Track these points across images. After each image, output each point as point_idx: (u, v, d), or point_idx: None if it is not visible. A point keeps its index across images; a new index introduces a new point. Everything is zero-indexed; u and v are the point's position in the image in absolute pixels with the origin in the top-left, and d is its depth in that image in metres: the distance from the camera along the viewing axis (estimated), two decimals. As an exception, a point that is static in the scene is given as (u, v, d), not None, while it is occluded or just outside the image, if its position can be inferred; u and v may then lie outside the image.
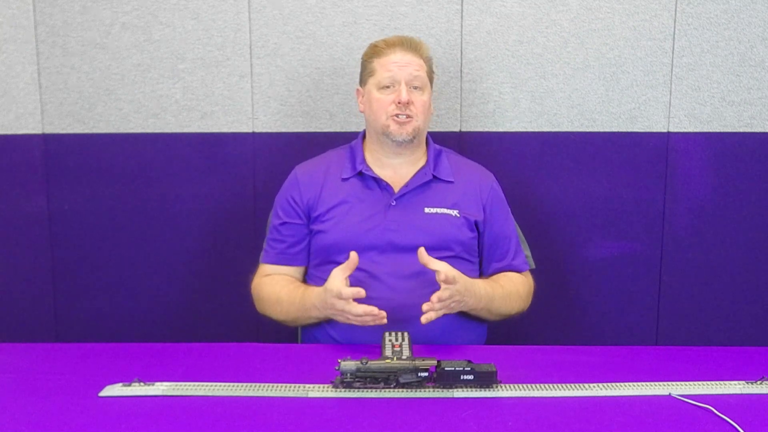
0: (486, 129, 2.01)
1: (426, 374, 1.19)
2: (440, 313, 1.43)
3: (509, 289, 1.62)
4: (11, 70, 2.01)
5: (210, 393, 1.17)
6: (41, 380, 1.23)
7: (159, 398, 1.16)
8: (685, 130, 1.99)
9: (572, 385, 1.21)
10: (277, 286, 1.62)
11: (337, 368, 1.18)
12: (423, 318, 1.41)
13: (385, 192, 1.63)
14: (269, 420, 1.09)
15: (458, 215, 1.62)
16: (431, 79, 1.68)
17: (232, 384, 1.20)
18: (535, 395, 1.18)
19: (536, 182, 2.02)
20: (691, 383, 1.23)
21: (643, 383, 1.22)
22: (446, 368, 1.19)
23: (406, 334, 1.37)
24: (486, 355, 1.35)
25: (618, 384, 1.22)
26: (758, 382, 1.23)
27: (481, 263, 1.68)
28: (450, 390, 1.18)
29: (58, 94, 2.03)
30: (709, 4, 1.94)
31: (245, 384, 1.20)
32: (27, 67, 2.01)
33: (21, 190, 2.05)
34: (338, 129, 2.01)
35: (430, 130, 1.76)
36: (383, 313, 1.41)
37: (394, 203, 1.62)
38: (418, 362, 1.19)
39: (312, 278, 1.66)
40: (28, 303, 2.10)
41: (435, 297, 1.41)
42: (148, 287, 2.09)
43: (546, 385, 1.21)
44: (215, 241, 2.07)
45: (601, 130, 2.00)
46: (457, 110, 2.01)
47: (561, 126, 2.01)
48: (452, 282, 1.42)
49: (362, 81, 1.68)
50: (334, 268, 1.45)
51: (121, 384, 1.20)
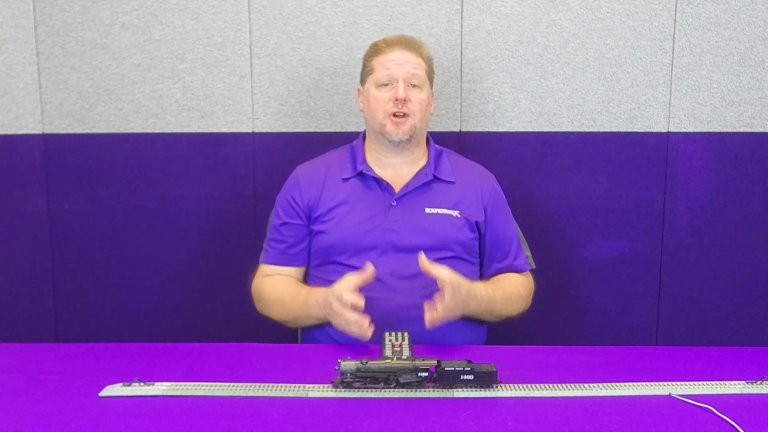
0: (486, 129, 2.02)
1: (426, 374, 1.19)
2: (444, 320, 1.42)
3: (510, 291, 1.61)
4: (11, 70, 2.01)
5: (210, 393, 1.17)
6: (41, 380, 1.23)
7: (159, 398, 1.16)
8: (685, 130, 1.99)
9: (572, 385, 1.21)
10: (280, 286, 1.62)
11: (337, 368, 1.18)
12: (428, 323, 1.39)
13: (386, 192, 1.63)
14: (269, 420, 1.09)
15: (459, 216, 1.62)
16: (431, 80, 1.67)
17: (232, 384, 1.20)
18: (535, 395, 1.18)
19: (536, 182, 2.02)
20: (691, 383, 1.22)
21: (643, 383, 1.22)
22: (446, 368, 1.19)
23: (406, 334, 1.37)
24: (486, 355, 1.34)
25: (618, 384, 1.21)
26: (758, 382, 1.23)
27: (482, 264, 1.68)
28: (450, 390, 1.18)
29: (58, 94, 2.03)
30: (709, 4, 1.95)
31: (245, 384, 1.20)
32: (27, 67, 2.01)
33: (21, 190, 2.05)
34: (338, 129, 2.01)
35: (430, 130, 1.76)
36: (368, 334, 1.38)
37: (395, 203, 1.61)
38: (418, 362, 1.19)
39: (312, 279, 1.66)
40: (28, 303, 2.10)
41: (440, 307, 1.39)
42: (148, 287, 2.09)
43: (546, 385, 1.21)
44: (215, 241, 2.07)
45: (601, 130, 2.00)
46: (457, 110, 2.01)
47: (561, 126, 2.01)
48: (456, 290, 1.40)
49: (362, 80, 1.69)
50: (350, 273, 1.42)
51: (121, 384, 1.19)
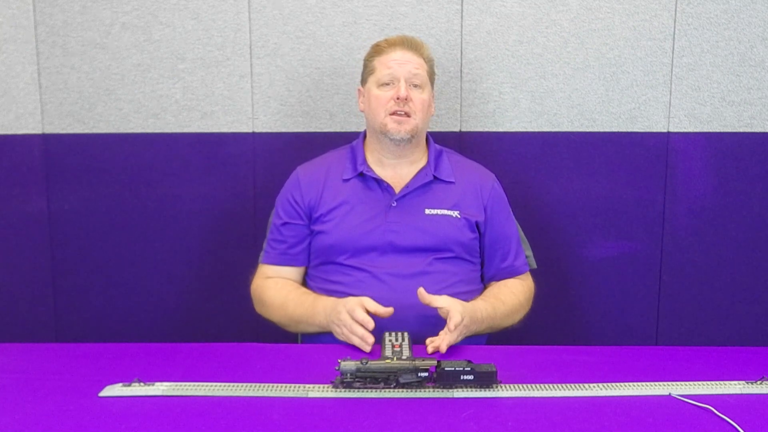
0: (486, 129, 2.01)
1: (426, 374, 1.19)
2: (448, 346, 1.40)
3: (512, 303, 1.61)
4: (11, 70, 2.01)
5: (210, 393, 1.17)
6: (41, 380, 1.23)
7: (159, 398, 1.16)
8: (685, 130, 1.99)
9: (572, 385, 1.21)
10: (283, 291, 1.61)
11: (337, 368, 1.18)
12: (430, 348, 1.38)
13: (386, 193, 1.63)
14: (269, 420, 1.09)
15: (459, 216, 1.62)
16: (432, 81, 1.68)
17: (232, 384, 1.20)
18: (535, 395, 1.18)
19: (536, 182, 2.02)
20: (691, 383, 1.22)
21: (643, 383, 1.22)
22: (446, 368, 1.19)
23: (406, 334, 1.37)
24: (486, 355, 1.35)
25: (618, 384, 1.21)
26: (758, 382, 1.23)
27: (482, 263, 1.68)
28: (450, 390, 1.18)
29: (58, 94, 2.03)
30: (709, 4, 1.94)
31: (245, 384, 1.20)
32: (27, 67, 2.01)
33: (21, 190, 2.05)
34: (338, 129, 2.01)
35: (430, 130, 1.76)
36: (367, 349, 1.38)
37: (395, 204, 1.61)
38: (418, 362, 1.19)
39: (312, 279, 1.66)
40: (28, 303, 2.10)
41: (444, 344, 1.37)
42: (149, 287, 2.09)
43: (546, 385, 1.21)
44: (215, 241, 2.07)
45: (601, 130, 2.00)
46: (457, 110, 2.01)
47: (561, 126, 2.01)
48: (458, 322, 1.39)
49: (363, 80, 1.69)
50: (370, 299, 1.43)
51: (121, 384, 1.19)
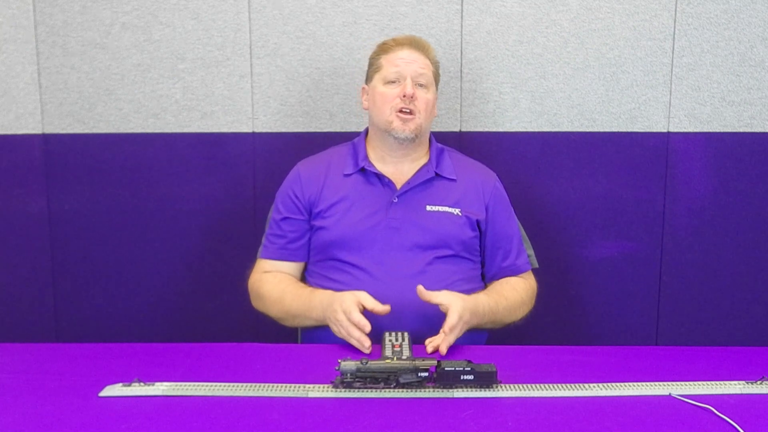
0: (486, 129, 2.01)
1: (426, 374, 1.19)
2: (449, 345, 1.40)
3: (513, 299, 1.61)
4: (11, 70, 2.01)
5: (210, 393, 1.17)
6: (41, 380, 1.23)
7: (159, 398, 1.16)
8: (685, 130, 1.99)
9: (572, 385, 1.21)
10: (281, 284, 1.61)
11: (337, 368, 1.18)
12: (430, 348, 1.38)
13: (387, 188, 1.63)
14: (269, 420, 1.09)
15: (460, 214, 1.62)
16: (437, 83, 1.69)
17: (232, 384, 1.20)
18: (535, 395, 1.18)
19: (536, 182, 2.02)
20: (691, 383, 1.22)
21: (643, 383, 1.22)
22: (446, 368, 1.19)
23: (406, 334, 1.37)
24: (486, 355, 1.35)
25: (618, 384, 1.21)
26: (758, 382, 1.23)
27: (484, 263, 1.68)
28: (450, 390, 1.18)
29: (58, 94, 2.03)
30: (709, 4, 1.94)
31: (245, 384, 1.20)
32: (27, 67, 2.01)
33: (21, 190, 2.05)
34: (338, 129, 2.01)
35: (431, 131, 1.76)
36: (366, 352, 1.38)
37: (396, 200, 1.61)
38: (418, 362, 1.19)
39: (311, 275, 1.66)
40: (28, 303, 2.10)
41: (444, 346, 1.37)
42: (149, 287, 2.09)
43: (546, 385, 1.21)
44: (215, 241, 2.07)
45: (601, 130, 2.00)
46: (457, 110, 2.01)
47: (561, 126, 2.01)
48: (453, 324, 1.39)
49: (368, 78, 1.69)
50: (366, 294, 1.42)
51: (121, 384, 1.19)
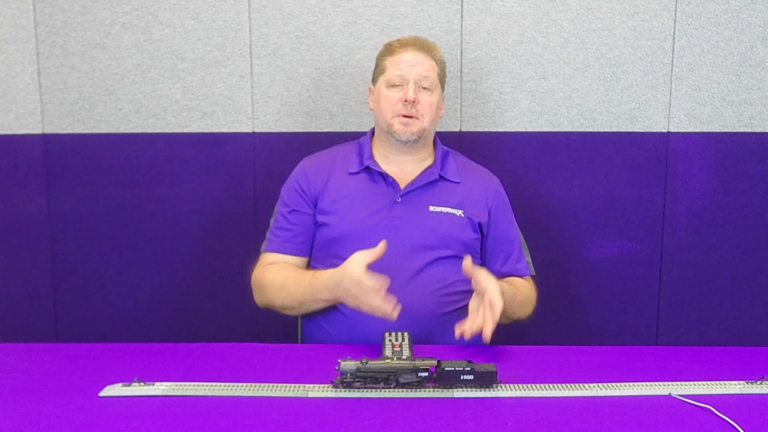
0: (486, 129, 2.02)
1: (426, 374, 1.19)
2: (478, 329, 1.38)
3: (525, 295, 1.62)
4: (11, 70, 2.01)
5: (210, 393, 1.17)
6: (41, 380, 1.23)
7: (159, 398, 1.16)
8: (685, 130, 1.99)
9: (572, 385, 1.21)
10: (283, 272, 1.60)
11: (337, 368, 1.18)
12: (468, 333, 1.36)
13: (391, 188, 1.63)
14: (269, 420, 1.09)
15: (462, 215, 1.62)
16: (442, 83, 1.68)
17: (232, 384, 1.20)
18: (535, 395, 1.18)
19: (536, 182, 2.02)
20: (691, 383, 1.22)
21: (643, 383, 1.22)
22: (446, 368, 1.19)
23: (406, 334, 1.37)
24: (486, 355, 1.35)
25: (618, 384, 1.21)
26: (758, 382, 1.23)
27: (484, 266, 1.68)
28: (450, 390, 1.18)
29: (58, 94, 2.03)
30: (709, 4, 1.95)
31: (245, 384, 1.20)
32: (27, 67, 2.01)
33: (21, 190, 2.05)
34: (338, 129, 2.01)
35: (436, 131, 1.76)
36: (395, 315, 1.37)
37: (400, 200, 1.61)
38: (418, 362, 1.19)
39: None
40: (28, 303, 2.10)
41: (489, 332, 1.35)
42: (149, 287, 2.09)
43: (546, 385, 1.21)
44: (215, 241, 2.07)
45: (601, 130, 2.00)
46: (457, 110, 2.01)
47: (561, 126, 2.01)
48: (501, 309, 1.38)
49: (374, 79, 1.69)
50: (357, 251, 1.40)
51: (121, 384, 1.19)
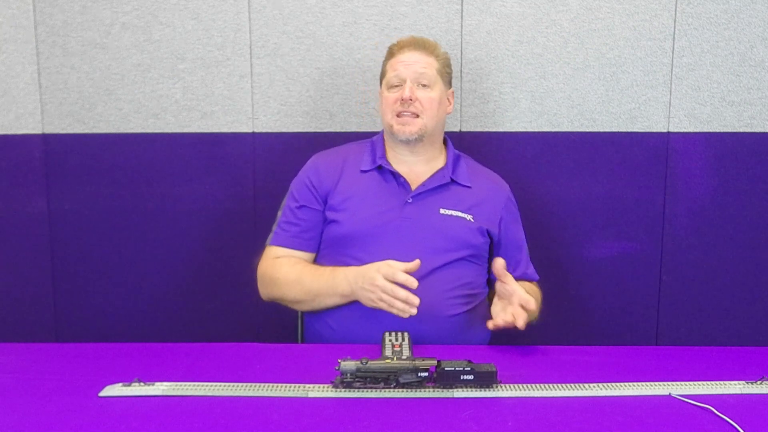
0: (486, 129, 2.01)
1: (426, 374, 1.19)
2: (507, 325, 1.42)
3: (539, 300, 1.63)
4: (11, 70, 2.01)
5: (210, 393, 1.17)
6: (41, 380, 1.23)
7: (159, 398, 1.16)
8: (685, 130, 1.99)
9: (572, 385, 1.21)
10: (297, 266, 1.60)
11: (337, 368, 1.18)
12: (501, 321, 1.41)
13: (402, 188, 1.63)
14: (269, 420, 1.09)
15: (472, 220, 1.62)
16: (446, 78, 1.67)
17: (232, 384, 1.20)
18: (535, 395, 1.18)
19: (536, 182, 2.02)
20: (691, 383, 1.22)
21: (643, 383, 1.22)
22: (446, 368, 1.19)
23: (406, 334, 1.37)
24: (486, 355, 1.35)
25: (618, 384, 1.22)
26: (758, 382, 1.23)
27: (491, 271, 1.67)
28: (450, 390, 1.18)
29: (58, 94, 2.03)
30: (709, 4, 1.94)
31: (245, 384, 1.20)
32: (27, 67, 2.01)
33: (21, 190, 2.05)
34: (338, 129, 2.01)
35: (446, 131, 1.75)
36: (414, 311, 1.38)
37: (411, 200, 1.62)
38: (418, 362, 1.19)
39: None
40: (28, 303, 2.10)
41: (522, 321, 1.40)
42: (149, 287, 2.09)
43: (546, 385, 1.21)
44: (215, 241, 2.07)
45: (601, 130, 2.00)
46: (457, 110, 2.00)
47: (561, 126, 2.01)
48: (528, 298, 1.41)
49: (380, 83, 1.70)
50: (394, 261, 1.42)
51: (121, 384, 1.19)
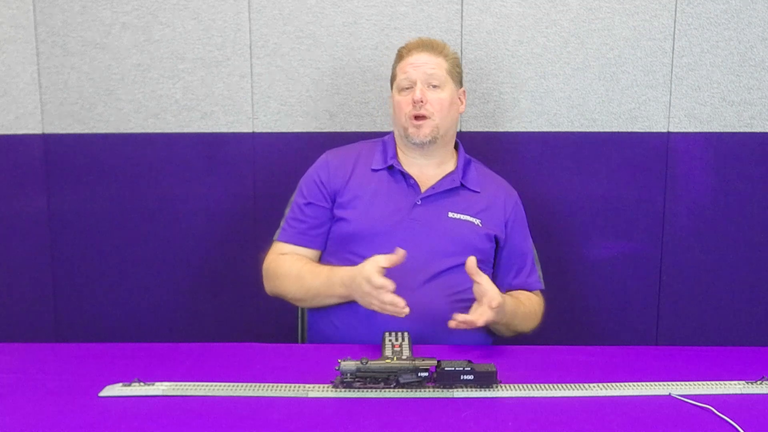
0: (486, 129, 2.02)
1: (426, 374, 1.19)
2: (470, 326, 1.41)
3: (529, 309, 1.62)
4: (11, 70, 2.01)
5: (210, 393, 1.17)
6: (41, 380, 1.23)
7: (159, 398, 1.16)
8: (685, 130, 1.99)
9: (572, 385, 1.21)
10: (299, 263, 1.60)
11: (337, 368, 1.18)
12: (453, 324, 1.40)
13: (412, 189, 1.63)
14: (269, 420, 1.09)
15: (480, 225, 1.62)
16: (456, 78, 1.66)
17: (232, 384, 1.20)
18: (535, 395, 1.18)
19: (536, 182, 2.02)
20: (691, 383, 1.22)
21: (643, 383, 1.22)
22: (446, 368, 1.19)
23: (406, 334, 1.37)
24: (486, 355, 1.35)
25: (618, 384, 1.22)
26: (758, 382, 1.23)
27: (496, 276, 1.68)
28: (450, 390, 1.18)
29: (58, 94, 2.03)
30: (709, 4, 1.95)
31: (245, 384, 1.20)
32: (27, 67, 2.01)
33: (21, 190, 2.05)
34: (338, 129, 2.01)
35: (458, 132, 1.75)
36: (406, 310, 1.39)
37: (420, 202, 1.61)
38: (418, 362, 1.19)
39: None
40: (28, 303, 2.10)
41: (482, 319, 1.39)
42: (149, 287, 2.09)
43: (546, 385, 1.21)
44: (215, 241, 2.07)
45: (601, 130, 2.00)
46: (457, 110, 2.00)
47: (561, 126, 2.01)
48: (500, 303, 1.41)
49: (391, 87, 1.70)
50: (379, 257, 1.41)
51: (121, 384, 1.19)
